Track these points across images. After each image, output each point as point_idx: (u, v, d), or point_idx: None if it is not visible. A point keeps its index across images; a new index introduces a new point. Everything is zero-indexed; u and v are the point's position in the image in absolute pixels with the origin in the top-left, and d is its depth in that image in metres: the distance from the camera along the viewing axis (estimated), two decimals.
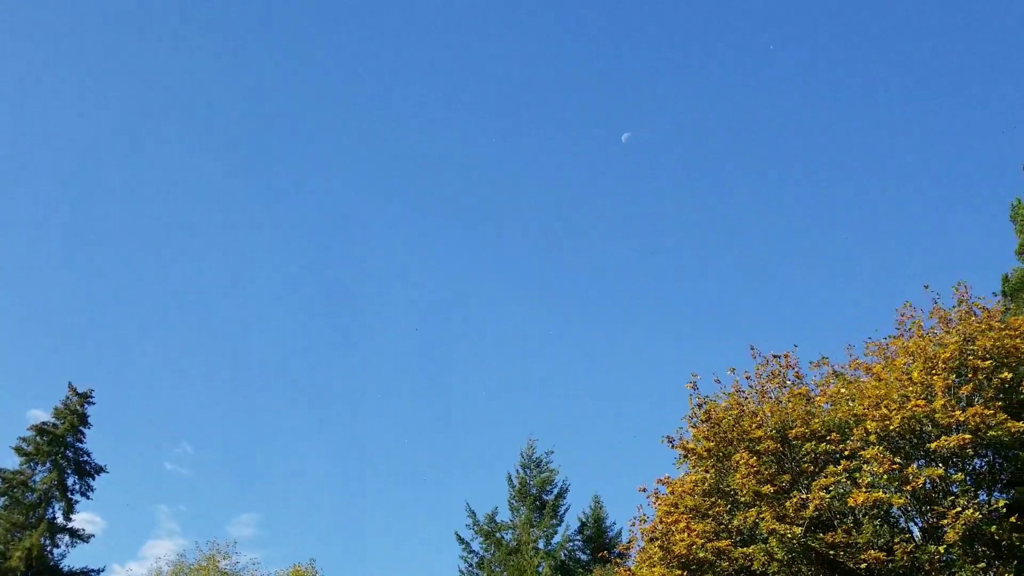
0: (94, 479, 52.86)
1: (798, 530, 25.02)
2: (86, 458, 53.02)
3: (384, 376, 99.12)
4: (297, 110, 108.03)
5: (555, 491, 39.59)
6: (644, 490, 29.15)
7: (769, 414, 27.74)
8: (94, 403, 54.58)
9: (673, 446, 28.80)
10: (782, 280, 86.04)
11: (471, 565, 39.63)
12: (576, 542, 40.04)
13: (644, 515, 29.25)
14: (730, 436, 27.65)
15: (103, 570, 53.50)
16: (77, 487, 51.88)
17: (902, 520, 27.07)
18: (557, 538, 39.33)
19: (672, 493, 28.13)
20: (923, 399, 25.78)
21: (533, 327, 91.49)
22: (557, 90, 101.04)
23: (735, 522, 26.39)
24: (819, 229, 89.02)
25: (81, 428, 52.99)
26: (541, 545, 39.69)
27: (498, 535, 40.63)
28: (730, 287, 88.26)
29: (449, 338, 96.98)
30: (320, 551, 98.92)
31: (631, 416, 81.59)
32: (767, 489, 25.98)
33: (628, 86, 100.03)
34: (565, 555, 38.52)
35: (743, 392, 28.99)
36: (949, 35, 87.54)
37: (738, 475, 26.44)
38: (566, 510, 39.39)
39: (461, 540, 40.68)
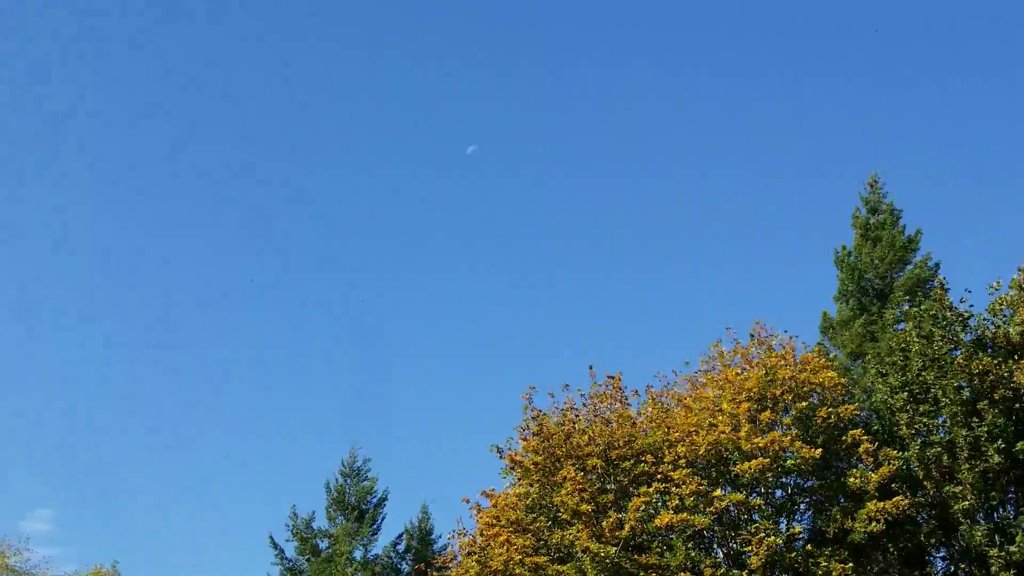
0: None
1: (612, 550, 25.76)
2: None
3: (203, 369, 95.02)
4: None
5: (375, 501, 39.24)
6: (467, 501, 29.20)
7: (598, 434, 28.48)
8: None
9: (501, 456, 29.00)
10: (619, 301, 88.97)
11: (284, 571, 38.66)
12: (396, 554, 39.68)
13: (464, 528, 29.33)
14: (559, 452, 28.16)
15: None
16: None
17: (713, 544, 28.67)
18: (376, 549, 38.97)
19: (495, 506, 28.29)
20: (730, 427, 27.55)
21: (370, 330, 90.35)
22: (398, 104, 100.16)
23: (554, 539, 26.91)
24: (664, 252, 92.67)
25: None
26: (358, 555, 39.16)
27: (314, 542, 39.81)
28: (568, 302, 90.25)
29: (276, 332, 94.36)
30: (124, 551, 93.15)
31: (468, 425, 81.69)
32: (585, 508, 26.69)
33: (472, 99, 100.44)
34: (383, 566, 38.19)
35: (576, 409, 29.60)
36: (773, 73, 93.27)
37: (563, 491, 27.01)
38: (383, 519, 39.13)
39: (275, 545, 39.57)
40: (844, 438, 28.15)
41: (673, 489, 26.87)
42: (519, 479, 28.86)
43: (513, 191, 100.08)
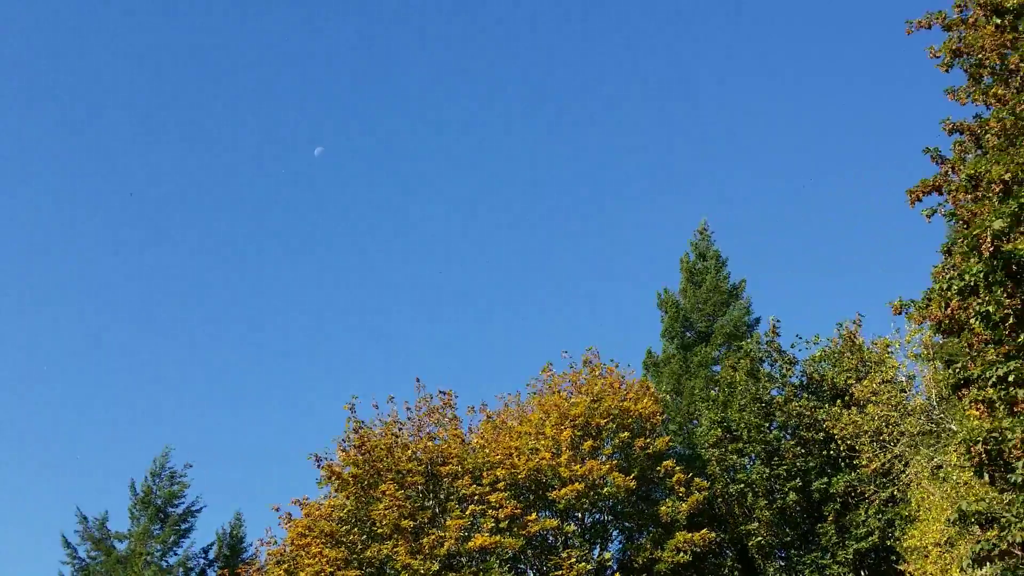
0: None
1: (433, 566, 25.66)
2: None
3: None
4: None
5: (184, 505, 37.41)
6: (277, 509, 28.35)
7: (422, 449, 28.25)
8: None
9: (319, 466, 28.25)
10: (457, 325, 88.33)
11: (75, 571, 36.20)
12: (205, 560, 37.93)
13: (273, 536, 28.42)
14: (379, 465, 27.72)
15: None
16: None
17: (528, 568, 28.95)
18: (179, 554, 37.11)
19: (308, 516, 27.52)
20: (551, 452, 28.00)
21: (202, 332, 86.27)
22: (247, 102, 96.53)
23: (369, 553, 26.43)
24: (505, 272, 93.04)
25: None
26: (158, 559, 37.16)
27: (109, 543, 37.52)
28: (398, 311, 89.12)
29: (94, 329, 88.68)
30: None
31: (290, 430, 79.00)
32: (407, 524, 26.44)
33: (321, 100, 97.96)
34: (187, 572, 36.43)
35: (400, 423, 29.20)
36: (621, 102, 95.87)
37: (381, 505, 26.61)
38: (192, 525, 37.40)
39: (67, 544, 37.00)
40: (659, 468, 29.11)
41: (490, 511, 26.96)
42: (336, 490, 28.13)
43: (363, 193, 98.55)
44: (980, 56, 15.61)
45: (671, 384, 35.78)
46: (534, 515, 27.54)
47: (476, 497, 27.36)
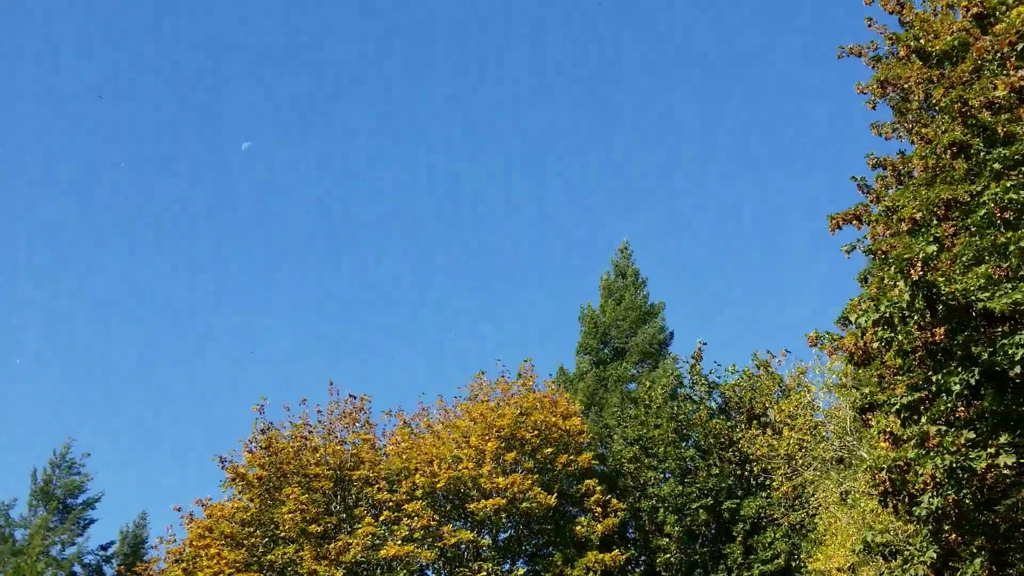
0: None
1: (338, 572, 25.17)
2: None
3: None
4: None
5: (84, 498, 36.24)
6: (179, 509, 27.61)
7: (331, 453, 27.79)
8: None
9: (224, 467, 27.60)
10: (381, 331, 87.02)
11: None
12: (103, 556, 36.81)
13: (173, 535, 27.69)
14: (286, 468, 27.21)
15: None
16: None
17: None
18: (74, 548, 35.93)
19: (210, 516, 26.84)
20: (474, 462, 27.69)
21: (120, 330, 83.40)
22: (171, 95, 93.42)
23: (271, 556, 25.86)
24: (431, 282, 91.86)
25: None
26: (56, 552, 35.95)
27: (10, 532, 36.28)
28: (320, 316, 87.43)
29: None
30: None
31: (205, 430, 76.79)
32: (314, 528, 25.94)
33: (246, 96, 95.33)
34: (83, 568, 35.34)
35: (310, 426, 28.64)
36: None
37: (285, 509, 26.09)
38: (91, 518, 36.33)
39: None
40: (579, 486, 29.01)
41: (405, 520, 26.55)
42: (239, 492, 27.51)
43: (294, 189, 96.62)
44: (906, 90, 15.83)
45: (585, 399, 35.94)
46: (449, 527, 27.22)
47: (391, 504, 26.90)
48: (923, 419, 13.63)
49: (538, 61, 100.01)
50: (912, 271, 12.01)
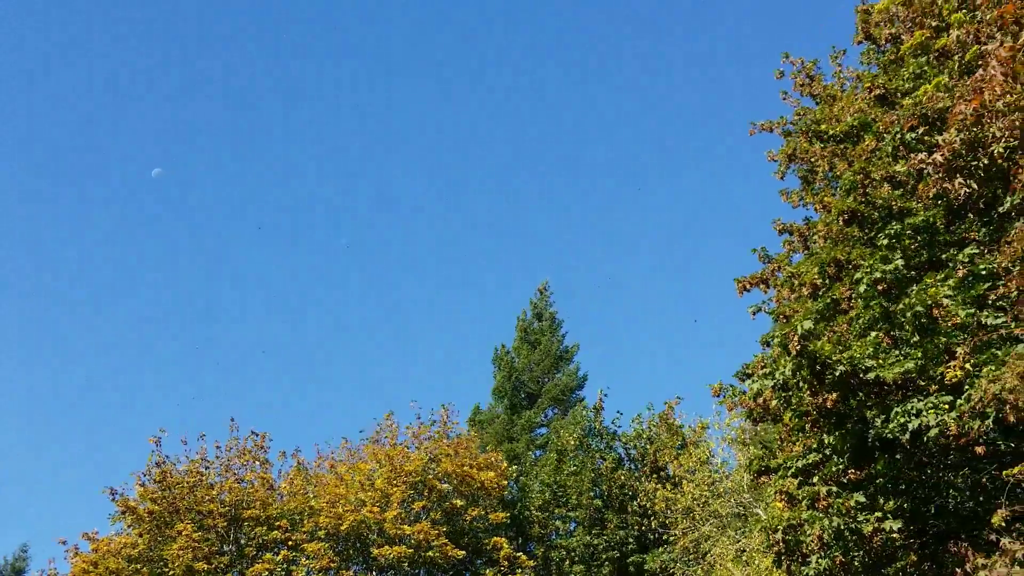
0: None
1: None
2: None
3: None
4: None
5: None
6: (64, 542, 26.49)
7: (228, 491, 27.09)
8: None
9: (114, 500, 26.69)
10: (296, 370, 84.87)
11: None
12: None
13: (55, 569, 26.60)
14: (179, 504, 26.44)
15: None
16: None
17: None
18: None
19: (96, 551, 25.80)
20: (379, 507, 27.15)
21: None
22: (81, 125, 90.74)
23: None
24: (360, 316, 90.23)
25: None
26: None
27: None
28: (229, 357, 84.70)
29: None
30: None
31: (101, 463, 73.53)
32: (202, 566, 25.07)
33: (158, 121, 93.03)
34: None
35: (208, 461, 27.97)
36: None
37: (175, 545, 25.25)
38: None
39: None
40: (487, 542, 28.60)
41: (303, 560, 25.86)
42: (129, 526, 26.57)
43: (201, 222, 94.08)
44: (813, 163, 16.44)
45: (494, 442, 35.77)
46: (351, 572, 26.59)
47: (291, 543, 26.18)
48: (816, 479, 13.95)
49: (447, 94, 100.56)
50: (791, 345, 12.38)
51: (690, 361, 74.14)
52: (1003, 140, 10.37)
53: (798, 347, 12.27)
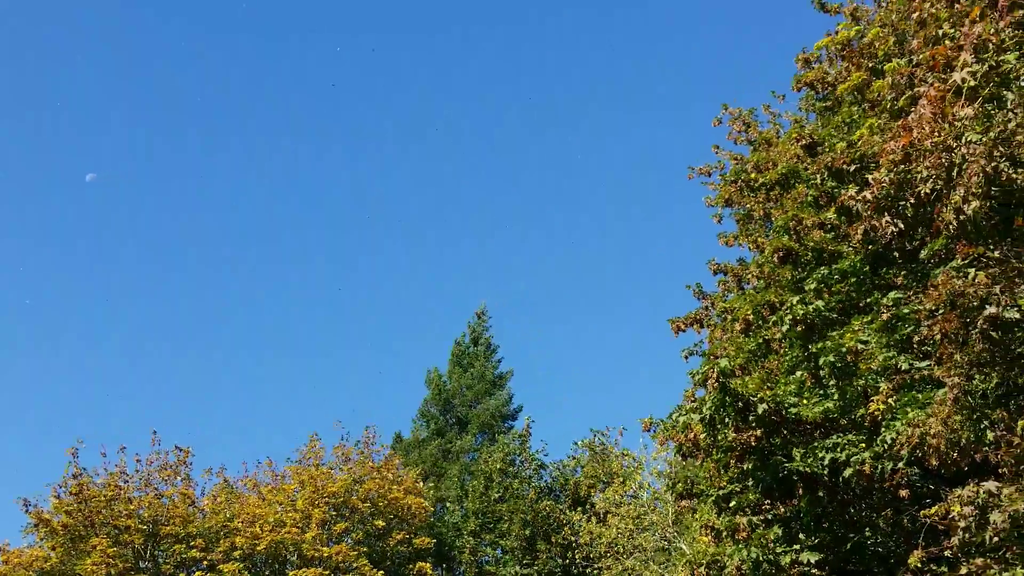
0: None
1: None
2: None
3: None
4: None
5: None
6: None
7: (147, 506, 26.50)
8: None
9: (27, 511, 25.88)
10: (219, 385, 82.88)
11: None
12: None
13: None
14: (96, 518, 25.76)
15: None
16: None
17: None
18: None
19: (6, 563, 24.97)
20: (299, 527, 26.76)
21: None
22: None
23: None
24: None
25: None
26: None
27: None
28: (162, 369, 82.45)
29: None
30: None
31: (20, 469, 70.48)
32: None
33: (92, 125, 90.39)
34: None
35: (127, 475, 27.34)
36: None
37: (89, 561, 24.54)
38: None
39: None
40: (411, 567, 28.31)
41: None
42: (41, 539, 25.76)
43: (137, 227, 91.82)
44: (748, 208, 16.92)
45: (425, 468, 35.44)
46: None
47: (207, 563, 25.64)
48: (733, 504, 14.24)
49: (394, 116, 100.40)
50: (710, 383, 12.72)
51: (629, 396, 74.69)
52: (930, 181, 10.78)
53: (716, 384, 12.59)
